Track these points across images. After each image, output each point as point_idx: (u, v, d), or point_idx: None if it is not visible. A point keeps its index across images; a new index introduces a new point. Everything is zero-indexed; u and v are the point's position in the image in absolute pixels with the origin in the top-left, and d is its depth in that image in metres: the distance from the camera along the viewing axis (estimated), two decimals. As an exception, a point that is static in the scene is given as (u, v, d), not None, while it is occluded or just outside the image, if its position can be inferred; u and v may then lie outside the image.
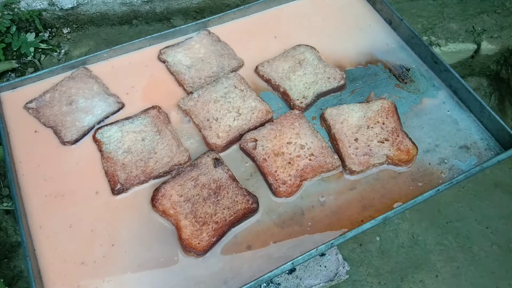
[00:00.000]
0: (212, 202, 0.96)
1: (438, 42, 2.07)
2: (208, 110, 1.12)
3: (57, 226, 0.96)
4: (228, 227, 0.94)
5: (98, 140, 1.07)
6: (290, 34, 1.34)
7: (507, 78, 2.22)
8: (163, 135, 1.08)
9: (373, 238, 1.93)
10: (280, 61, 1.24)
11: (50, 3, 1.72)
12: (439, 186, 0.96)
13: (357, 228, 0.91)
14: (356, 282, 1.80)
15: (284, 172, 1.01)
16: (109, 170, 1.02)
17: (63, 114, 1.12)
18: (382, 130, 1.08)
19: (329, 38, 1.33)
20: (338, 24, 1.37)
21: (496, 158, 1.02)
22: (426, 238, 1.95)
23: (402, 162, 1.04)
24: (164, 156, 1.04)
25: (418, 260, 1.89)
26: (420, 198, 0.95)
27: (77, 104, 1.14)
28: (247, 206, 0.96)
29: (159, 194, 0.97)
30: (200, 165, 1.02)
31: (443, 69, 1.20)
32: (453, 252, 1.92)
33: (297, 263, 0.86)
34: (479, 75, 2.35)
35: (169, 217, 0.95)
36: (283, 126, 1.09)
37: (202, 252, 0.91)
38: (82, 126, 1.10)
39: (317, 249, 0.87)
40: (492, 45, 2.13)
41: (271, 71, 1.22)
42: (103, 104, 1.15)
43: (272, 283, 1.49)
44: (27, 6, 1.72)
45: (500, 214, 2.03)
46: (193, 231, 0.92)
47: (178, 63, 1.24)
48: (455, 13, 2.18)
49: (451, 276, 1.86)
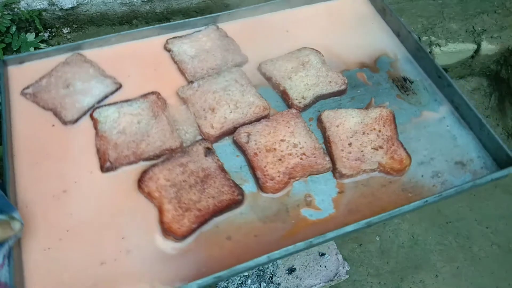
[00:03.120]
0: (198, 190, 0.96)
1: (438, 42, 2.07)
2: (206, 100, 1.12)
3: (42, 196, 0.96)
4: (210, 216, 0.93)
5: (95, 118, 1.07)
6: (298, 37, 1.33)
7: (507, 78, 2.22)
8: (159, 120, 1.08)
9: (373, 238, 1.93)
10: (284, 61, 1.24)
11: (50, 3, 1.72)
12: (428, 198, 0.95)
13: (338, 230, 0.90)
14: (356, 282, 1.80)
15: (273, 168, 1.01)
16: (101, 148, 1.03)
17: (61, 97, 1.12)
18: (377, 137, 1.07)
19: (335, 44, 1.33)
20: (347, 31, 1.37)
21: (490, 176, 1.00)
22: (426, 238, 1.95)
23: (394, 171, 1.03)
24: (157, 140, 1.04)
25: (418, 260, 1.89)
26: (406, 207, 0.93)
27: (74, 87, 1.14)
28: (232, 198, 0.95)
29: (147, 176, 0.97)
30: (191, 152, 1.02)
31: (446, 84, 1.20)
32: (453, 252, 1.92)
33: (273, 257, 0.86)
34: (479, 75, 2.35)
35: (153, 200, 0.94)
36: (278, 123, 1.08)
37: (181, 237, 0.90)
38: (82, 106, 1.10)
39: (295, 245, 0.86)
40: (492, 45, 2.13)
41: (274, 69, 1.22)
42: (100, 85, 1.15)
43: (272, 283, 1.49)
44: (27, 6, 1.72)
45: (500, 214, 2.03)
46: (175, 216, 0.91)
47: (183, 53, 1.23)
48: (455, 13, 2.18)
49: (451, 276, 1.86)
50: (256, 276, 1.50)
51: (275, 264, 1.52)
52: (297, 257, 1.55)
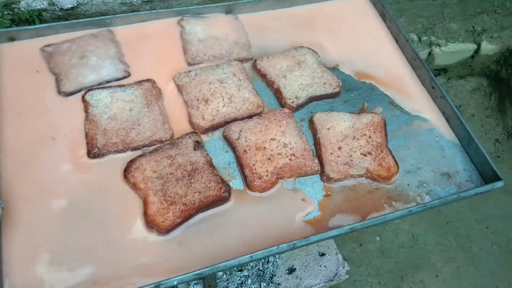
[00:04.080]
0: (185, 184, 0.95)
1: (438, 42, 2.07)
2: (201, 90, 1.12)
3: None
4: (195, 211, 0.93)
5: (86, 101, 1.06)
6: (304, 34, 1.34)
7: (507, 78, 2.22)
8: (151, 109, 1.07)
9: (373, 238, 1.93)
10: (280, 59, 1.23)
11: (50, 3, 1.72)
12: (412, 207, 0.95)
13: (322, 234, 0.90)
14: (356, 282, 1.81)
15: (262, 167, 1.01)
16: (90, 132, 1.02)
17: (71, 65, 1.14)
18: (367, 143, 1.07)
19: (335, 46, 1.33)
20: (350, 33, 1.38)
21: (474, 190, 1.00)
22: (426, 238, 1.95)
23: (381, 178, 1.03)
24: (147, 129, 1.04)
25: (418, 260, 1.90)
26: (390, 215, 0.94)
27: (88, 60, 1.16)
28: (219, 194, 0.95)
29: (133, 166, 0.96)
30: (180, 145, 1.01)
31: (439, 95, 1.20)
32: (453, 252, 1.92)
33: (256, 257, 0.86)
34: (479, 75, 2.35)
35: (139, 191, 0.94)
36: (270, 121, 1.08)
37: (165, 231, 0.90)
38: (83, 81, 1.11)
39: (278, 246, 0.86)
40: (492, 45, 2.13)
41: (269, 66, 1.21)
42: (111, 68, 1.15)
43: (272, 283, 1.49)
44: (27, 6, 1.72)
45: (500, 214, 2.03)
46: (159, 209, 0.91)
47: (193, 33, 1.25)
48: (455, 13, 2.18)
49: (451, 276, 1.86)
50: (256, 276, 1.50)
51: (275, 264, 1.52)
52: (297, 257, 1.55)
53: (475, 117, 2.28)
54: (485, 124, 2.26)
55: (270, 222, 0.96)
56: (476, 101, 2.32)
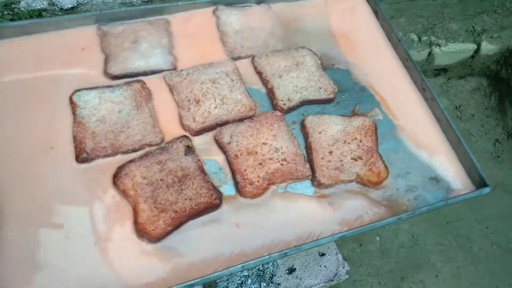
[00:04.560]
0: (175, 190, 0.93)
1: (438, 42, 2.07)
2: (192, 90, 1.09)
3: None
4: (186, 219, 0.91)
5: (74, 102, 1.02)
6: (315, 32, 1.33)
7: (507, 78, 2.22)
8: (141, 111, 1.04)
9: (373, 238, 1.93)
10: (279, 58, 1.21)
11: (50, 3, 1.72)
12: (402, 215, 0.95)
13: (312, 242, 0.89)
14: (356, 282, 1.81)
15: (253, 172, 0.99)
16: (78, 136, 0.97)
17: (122, 48, 1.14)
18: (358, 147, 1.06)
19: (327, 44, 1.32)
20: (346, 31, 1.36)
21: (462, 196, 1.00)
22: (426, 238, 1.95)
23: (371, 183, 1.02)
24: (137, 133, 1.01)
25: (418, 260, 1.90)
26: (379, 223, 0.94)
27: (139, 46, 1.15)
28: (210, 201, 0.93)
29: (122, 172, 0.94)
30: (170, 149, 0.99)
31: (429, 98, 1.19)
32: (453, 252, 1.92)
33: (248, 266, 0.85)
34: (479, 75, 2.35)
35: (128, 198, 0.92)
36: (262, 125, 1.06)
37: (155, 239, 0.88)
38: (130, 67, 1.11)
39: (270, 255, 0.86)
40: (492, 45, 2.13)
41: (266, 65, 1.19)
42: (160, 58, 1.15)
43: (272, 283, 1.49)
44: (27, 6, 1.72)
45: (500, 214, 2.03)
46: (150, 216, 0.89)
47: (229, 24, 1.24)
48: (455, 13, 2.18)
49: (451, 276, 1.86)
50: (256, 276, 1.50)
51: (275, 264, 1.52)
52: (297, 257, 1.55)
53: (475, 117, 2.28)
54: (485, 124, 2.26)
55: (261, 228, 0.95)
56: (476, 101, 2.32)
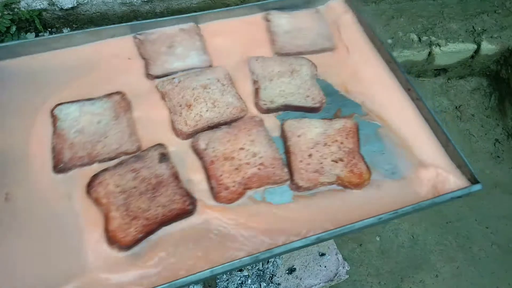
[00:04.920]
0: (148, 198, 0.93)
1: (438, 42, 2.07)
2: (184, 96, 1.12)
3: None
4: (158, 226, 0.90)
5: (55, 115, 1.05)
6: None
7: (507, 78, 2.22)
8: (119, 121, 1.06)
9: (373, 238, 1.93)
10: (275, 62, 1.22)
11: (50, 3, 1.72)
12: (382, 215, 0.92)
13: (286, 245, 0.88)
14: (356, 282, 1.81)
15: (229, 177, 0.98)
16: (57, 147, 1.00)
17: (160, 53, 1.23)
18: (338, 149, 1.05)
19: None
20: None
21: (450, 194, 0.97)
22: (426, 238, 1.95)
23: (352, 184, 1.00)
24: (114, 142, 1.02)
25: (418, 260, 1.90)
26: (359, 224, 0.91)
27: (174, 49, 1.25)
28: (183, 207, 0.93)
29: (96, 181, 0.94)
30: (145, 157, 0.99)
31: (415, 97, 1.17)
32: (453, 252, 1.92)
33: (216, 271, 0.84)
34: (479, 75, 2.35)
35: (101, 206, 0.91)
36: (239, 130, 1.06)
37: (126, 247, 0.87)
38: (168, 67, 1.20)
39: (241, 260, 0.85)
40: (492, 45, 2.13)
41: (259, 67, 1.20)
42: (195, 58, 1.23)
43: (272, 283, 1.49)
44: (27, 6, 1.72)
45: (500, 214, 2.03)
46: (121, 224, 0.89)
47: (279, 25, 1.31)
48: (455, 13, 2.18)
49: (451, 276, 1.86)
50: (256, 276, 1.50)
51: (275, 264, 1.52)
52: (297, 257, 1.55)
53: (475, 117, 2.28)
54: (485, 124, 2.26)
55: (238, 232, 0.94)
56: (476, 101, 2.32)
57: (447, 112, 2.26)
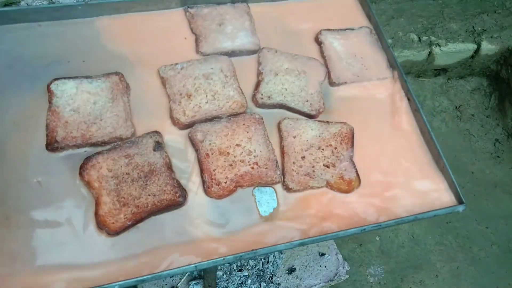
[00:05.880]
0: (140, 185, 0.93)
1: (438, 42, 2.07)
2: (185, 85, 1.08)
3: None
4: (147, 214, 0.91)
5: (51, 90, 1.02)
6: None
7: (507, 78, 2.22)
8: (116, 104, 1.03)
9: (373, 238, 1.93)
10: (286, 58, 1.18)
11: (50, 2, 1.71)
12: (366, 226, 0.93)
13: (270, 248, 0.89)
14: (356, 282, 1.81)
15: (222, 173, 0.97)
16: (51, 124, 0.98)
17: (210, 30, 1.22)
18: (332, 154, 1.05)
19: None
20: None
21: (433, 212, 0.98)
22: (426, 238, 1.95)
23: (341, 191, 1.00)
24: (108, 125, 1.00)
25: (418, 260, 1.90)
26: (342, 232, 0.92)
27: (225, 27, 1.23)
28: (173, 198, 0.92)
29: (89, 163, 0.93)
30: (140, 144, 0.98)
31: (414, 109, 1.16)
32: (453, 252, 1.92)
33: (201, 267, 0.85)
34: (479, 75, 2.35)
35: (92, 190, 0.91)
36: (238, 126, 1.04)
37: (114, 232, 0.88)
38: (219, 47, 1.19)
39: (224, 258, 0.85)
40: (492, 45, 2.13)
41: (270, 59, 1.17)
42: (244, 39, 1.22)
43: (272, 283, 1.49)
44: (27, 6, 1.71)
45: (500, 214, 2.03)
46: (111, 209, 0.89)
47: (333, 49, 1.25)
48: (455, 13, 2.18)
49: (451, 276, 1.86)
50: (256, 276, 1.50)
51: (275, 264, 1.52)
52: (297, 257, 1.55)
53: (475, 117, 2.28)
54: (485, 124, 2.26)
55: (227, 226, 0.94)
56: (476, 101, 2.32)
57: (447, 112, 2.26)
